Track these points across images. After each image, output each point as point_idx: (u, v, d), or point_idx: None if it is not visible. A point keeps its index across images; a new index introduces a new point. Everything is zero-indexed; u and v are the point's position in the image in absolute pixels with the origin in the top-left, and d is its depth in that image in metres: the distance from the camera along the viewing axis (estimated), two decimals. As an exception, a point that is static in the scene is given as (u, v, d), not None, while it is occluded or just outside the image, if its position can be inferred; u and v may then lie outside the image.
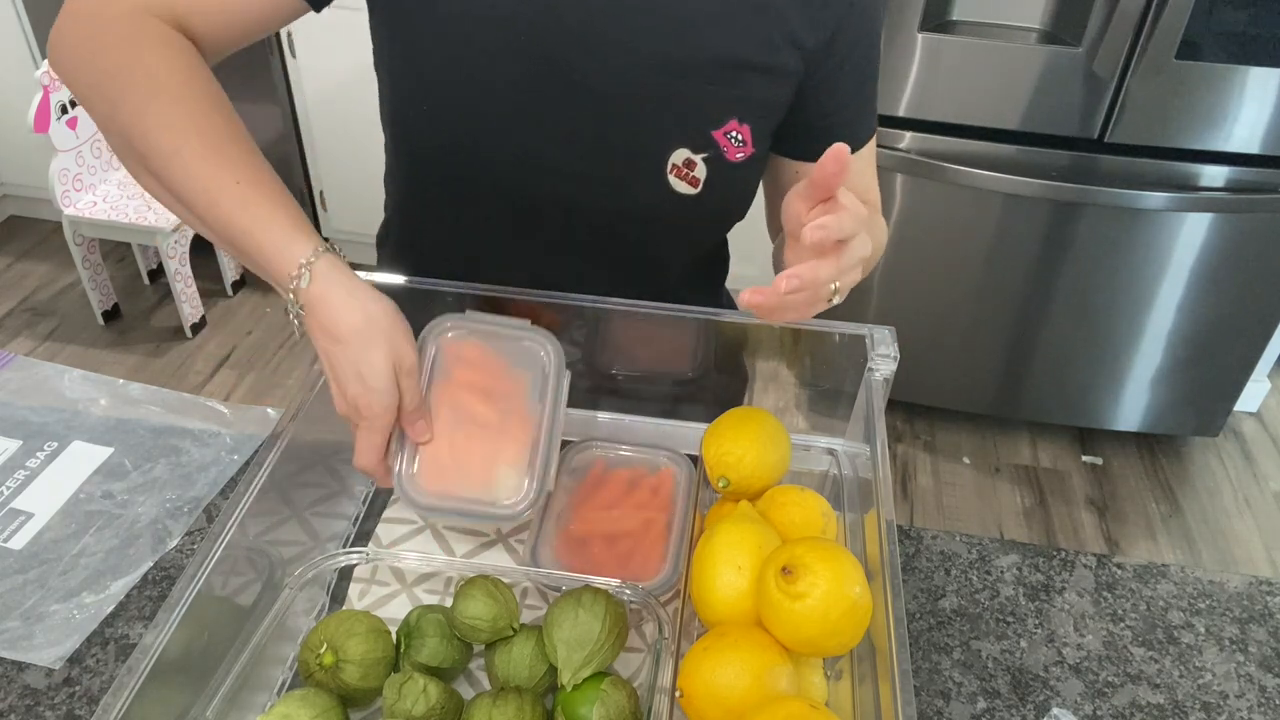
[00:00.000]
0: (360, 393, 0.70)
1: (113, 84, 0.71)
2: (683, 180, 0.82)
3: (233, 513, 0.67)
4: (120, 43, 0.72)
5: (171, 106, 0.70)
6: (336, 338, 0.69)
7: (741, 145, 0.82)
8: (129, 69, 0.71)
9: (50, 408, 1.01)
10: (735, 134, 0.81)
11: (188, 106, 0.70)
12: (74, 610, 0.81)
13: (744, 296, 0.65)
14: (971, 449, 2.35)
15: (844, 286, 0.67)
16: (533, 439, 0.78)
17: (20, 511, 0.90)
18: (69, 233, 2.40)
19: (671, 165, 0.81)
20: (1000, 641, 0.83)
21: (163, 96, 0.70)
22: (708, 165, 0.82)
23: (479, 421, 0.78)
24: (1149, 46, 1.76)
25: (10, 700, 0.74)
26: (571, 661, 0.68)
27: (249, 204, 0.69)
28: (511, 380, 0.80)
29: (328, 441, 0.84)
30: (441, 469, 0.75)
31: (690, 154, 0.81)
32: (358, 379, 0.69)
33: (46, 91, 2.18)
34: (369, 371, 0.69)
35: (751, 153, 0.83)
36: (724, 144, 0.81)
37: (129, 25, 0.72)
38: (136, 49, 0.71)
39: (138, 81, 0.70)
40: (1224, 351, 2.15)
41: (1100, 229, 2.00)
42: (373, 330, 0.69)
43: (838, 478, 0.85)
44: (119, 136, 0.72)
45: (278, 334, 2.62)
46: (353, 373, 0.69)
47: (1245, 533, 2.16)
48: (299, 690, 0.67)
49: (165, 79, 0.71)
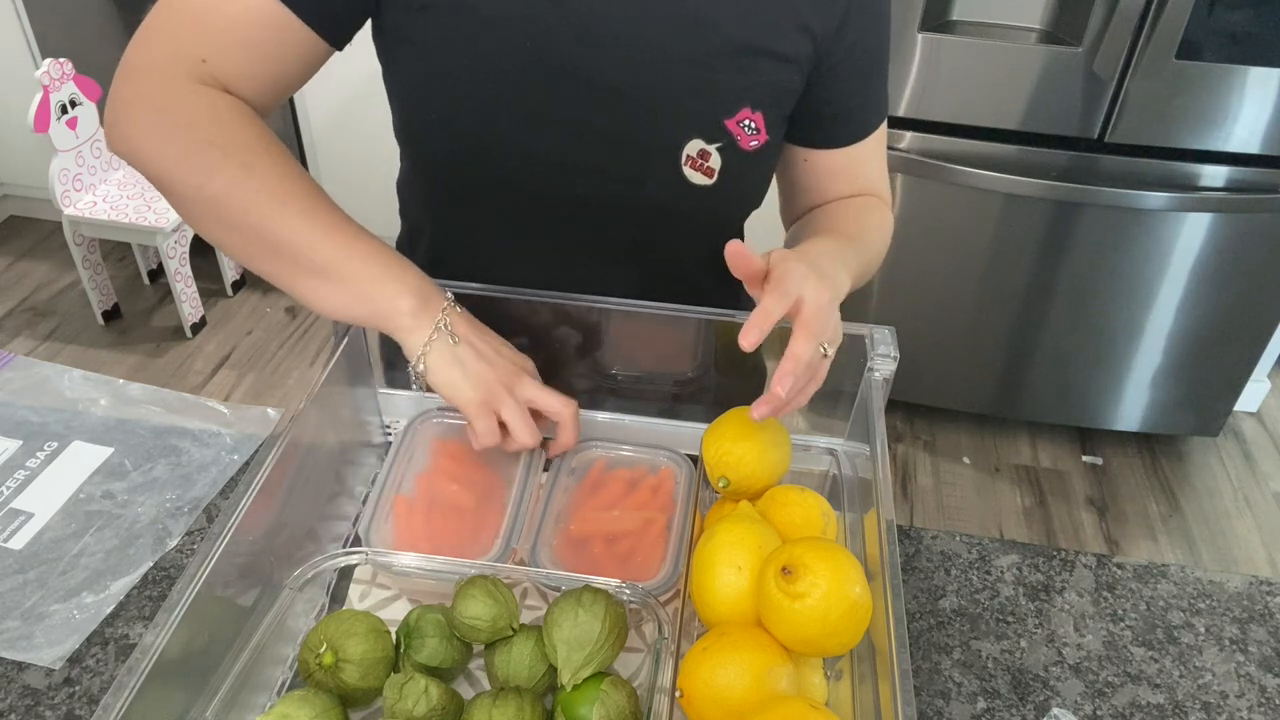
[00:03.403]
0: (513, 356, 0.79)
1: (205, 157, 0.73)
2: (698, 171, 0.82)
3: (233, 513, 0.67)
4: (200, 119, 0.74)
5: (265, 176, 0.74)
6: (479, 326, 0.78)
7: (755, 133, 0.82)
8: (221, 142, 0.73)
9: (50, 408, 1.01)
10: (749, 122, 0.81)
11: (281, 171, 0.75)
12: (74, 610, 0.81)
13: (754, 416, 0.69)
14: (971, 449, 2.35)
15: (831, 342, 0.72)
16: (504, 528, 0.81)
17: (20, 511, 0.90)
18: (69, 233, 2.40)
19: (686, 156, 0.82)
20: (1000, 641, 0.83)
21: (259, 165, 0.74)
22: (722, 155, 0.82)
23: (456, 507, 0.82)
24: (1149, 46, 1.76)
25: (10, 700, 0.74)
26: (571, 661, 0.68)
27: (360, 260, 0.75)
28: (490, 471, 0.85)
29: (328, 441, 0.84)
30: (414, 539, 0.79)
31: (704, 144, 0.81)
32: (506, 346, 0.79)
33: (46, 91, 2.18)
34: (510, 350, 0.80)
35: (765, 140, 0.83)
36: (737, 133, 0.82)
37: (200, 100, 0.74)
38: (219, 122, 0.74)
39: (232, 153, 0.73)
40: (1224, 351, 2.15)
41: (1100, 229, 2.00)
42: None
43: (838, 478, 0.85)
44: (208, 205, 0.74)
45: (278, 334, 2.62)
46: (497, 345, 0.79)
47: (1245, 533, 2.16)
48: (299, 690, 0.67)
49: (248, 145, 0.74)
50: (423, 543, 0.79)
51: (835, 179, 0.92)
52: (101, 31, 2.50)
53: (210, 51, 0.74)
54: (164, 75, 0.74)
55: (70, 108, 2.26)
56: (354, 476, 0.90)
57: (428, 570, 0.75)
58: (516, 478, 0.84)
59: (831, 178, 0.92)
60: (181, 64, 0.74)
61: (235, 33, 0.74)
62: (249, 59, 0.75)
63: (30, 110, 2.17)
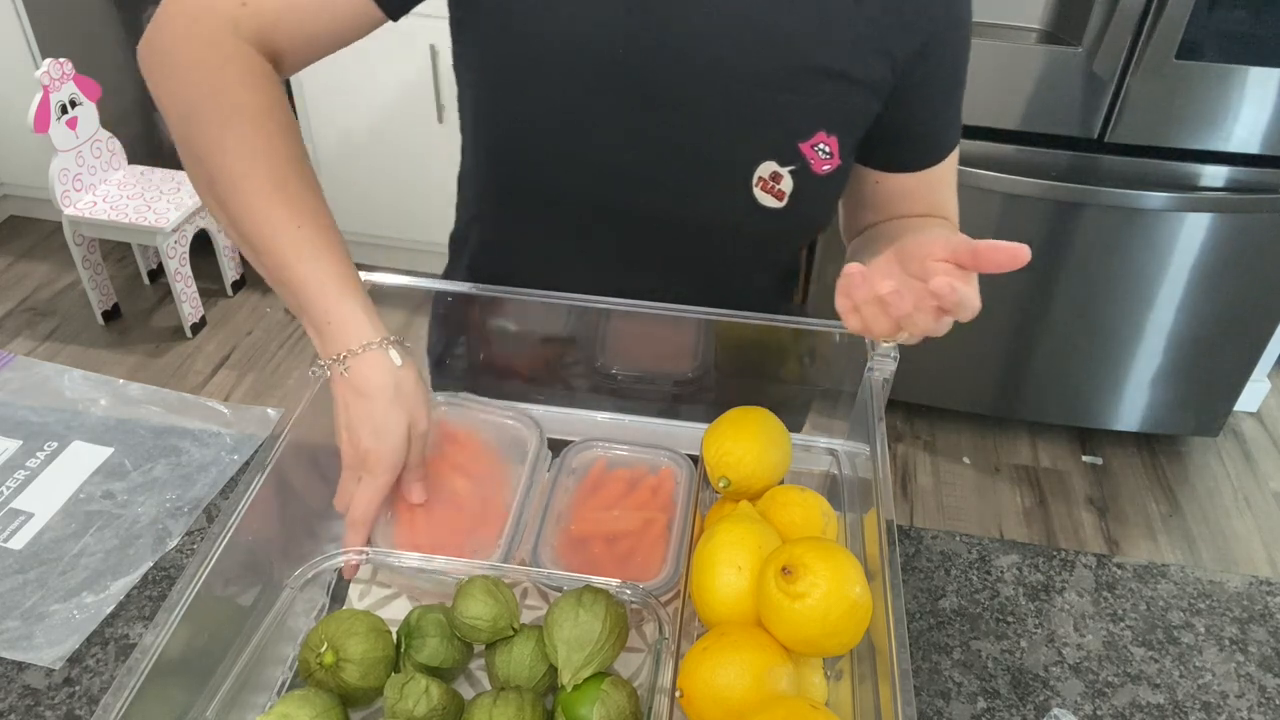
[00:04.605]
0: (373, 447, 0.72)
1: (194, 103, 0.73)
2: (768, 193, 0.81)
3: (233, 513, 0.67)
4: (206, 64, 0.73)
5: (247, 136, 0.72)
6: (362, 392, 0.72)
7: (828, 157, 0.80)
8: (213, 92, 0.72)
9: (50, 408, 1.01)
10: (823, 146, 0.80)
11: (262, 140, 0.72)
12: (74, 610, 0.81)
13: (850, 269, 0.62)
14: (971, 449, 2.35)
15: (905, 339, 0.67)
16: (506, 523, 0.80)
17: (20, 511, 0.90)
18: (69, 233, 2.40)
19: (758, 178, 0.80)
20: (1000, 641, 0.83)
21: (240, 124, 0.72)
22: (794, 178, 0.80)
23: (458, 500, 0.81)
24: (1149, 46, 1.76)
25: (10, 700, 0.74)
26: (572, 661, 0.68)
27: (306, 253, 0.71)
28: (496, 464, 0.84)
29: (328, 442, 0.84)
30: (415, 536, 0.78)
31: (777, 167, 0.80)
32: (374, 434, 0.72)
33: (46, 91, 2.18)
34: (386, 429, 0.72)
35: (838, 164, 0.81)
36: (811, 156, 0.80)
37: (217, 48, 0.73)
38: (222, 73, 0.73)
39: (219, 105, 0.72)
40: (1224, 351, 2.15)
41: (1100, 229, 2.00)
42: (397, 392, 0.73)
43: (838, 478, 0.85)
44: (192, 155, 0.74)
45: (278, 334, 2.62)
46: (370, 427, 0.72)
47: (1245, 533, 2.16)
48: (299, 690, 0.67)
49: (245, 106, 0.72)
50: (423, 540, 0.78)
51: (906, 201, 0.90)
52: (101, 31, 2.49)
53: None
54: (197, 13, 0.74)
55: (70, 108, 2.26)
56: (354, 476, 0.89)
57: (428, 570, 0.75)
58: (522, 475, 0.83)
59: (902, 200, 0.90)
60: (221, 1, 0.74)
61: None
62: (288, 6, 0.75)
63: (30, 110, 2.17)
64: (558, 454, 0.88)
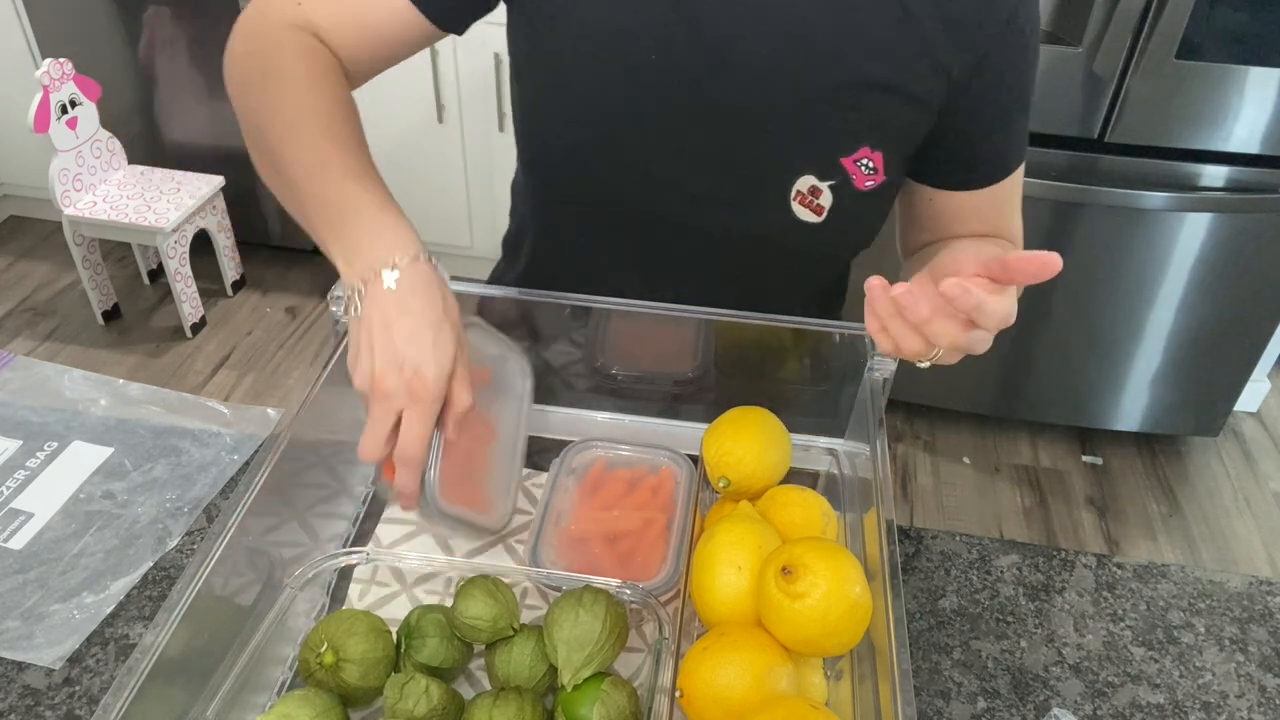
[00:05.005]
0: (420, 366, 0.63)
1: (256, 77, 0.76)
2: (806, 208, 0.79)
3: (233, 513, 0.67)
4: (267, 45, 0.77)
5: (296, 95, 0.73)
6: (409, 308, 0.64)
7: (872, 173, 0.78)
8: (271, 64, 0.75)
9: (50, 408, 1.01)
10: (866, 161, 0.78)
11: (312, 97, 0.73)
12: (74, 610, 0.81)
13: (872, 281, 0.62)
14: (971, 449, 2.35)
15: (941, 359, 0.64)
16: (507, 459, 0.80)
17: (20, 511, 0.90)
18: (69, 233, 2.40)
19: (796, 192, 0.79)
20: (1000, 641, 0.83)
21: (293, 86, 0.74)
22: (834, 193, 0.79)
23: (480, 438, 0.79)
24: (1149, 46, 1.76)
25: (10, 700, 0.74)
26: (572, 662, 0.68)
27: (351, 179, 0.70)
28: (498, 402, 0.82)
29: (328, 441, 0.84)
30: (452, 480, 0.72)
31: (816, 181, 0.78)
32: (421, 352, 0.63)
33: (46, 91, 2.18)
34: (438, 346, 0.64)
35: (882, 181, 0.79)
36: (853, 171, 0.78)
37: (277, 35, 0.77)
38: (280, 49, 0.76)
39: (277, 73, 0.75)
40: (1224, 351, 2.15)
41: (1100, 229, 2.00)
42: (446, 308, 0.66)
43: (838, 478, 0.85)
44: (257, 123, 0.75)
45: (278, 334, 2.62)
46: (417, 346, 0.63)
47: (1245, 533, 2.16)
48: (299, 690, 0.67)
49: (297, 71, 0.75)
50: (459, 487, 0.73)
51: (963, 220, 0.86)
52: (101, 31, 2.49)
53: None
54: (263, 10, 0.78)
55: (70, 108, 2.26)
56: (353, 476, 0.90)
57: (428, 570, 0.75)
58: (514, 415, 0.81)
59: (959, 219, 0.86)
60: (283, 3, 0.78)
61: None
62: (341, 11, 0.77)
63: (30, 110, 2.17)
64: (557, 454, 0.88)
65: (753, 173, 0.79)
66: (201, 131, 2.61)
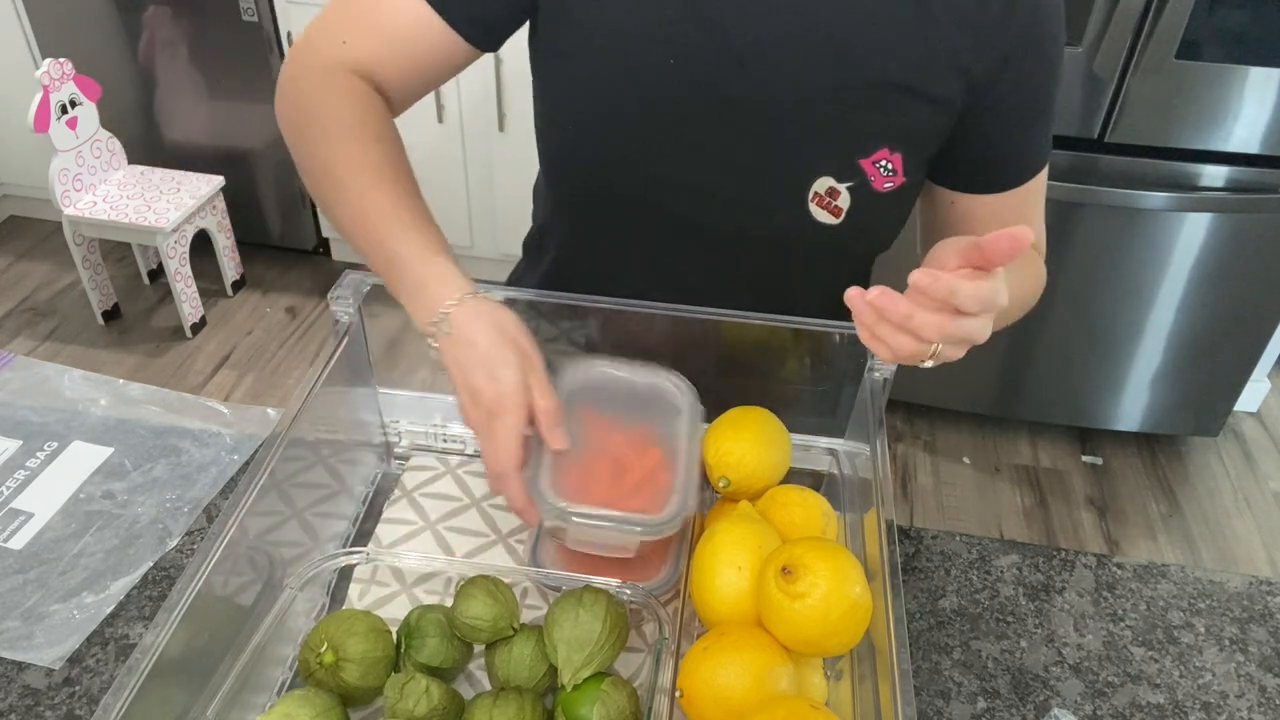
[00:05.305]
0: (487, 387, 0.69)
1: (306, 123, 0.79)
2: (824, 209, 0.79)
3: (233, 513, 0.67)
4: (314, 89, 0.80)
5: (345, 144, 0.77)
6: (469, 341, 0.70)
7: (891, 175, 0.78)
8: (319, 111, 0.78)
9: (50, 408, 1.01)
10: (885, 163, 0.78)
11: (359, 145, 0.77)
12: (74, 610, 0.81)
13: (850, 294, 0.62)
14: (971, 449, 2.35)
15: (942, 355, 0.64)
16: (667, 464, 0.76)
17: (20, 511, 0.90)
18: (69, 233, 2.40)
19: (814, 193, 0.79)
20: (1000, 641, 0.83)
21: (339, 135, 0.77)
22: (852, 195, 0.79)
23: (614, 453, 0.77)
24: (1149, 46, 1.76)
25: (10, 700, 0.74)
26: (572, 662, 0.68)
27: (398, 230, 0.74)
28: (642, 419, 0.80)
29: (328, 441, 0.84)
30: (571, 486, 0.73)
31: (834, 183, 0.78)
32: (488, 375, 0.69)
33: (46, 91, 2.18)
34: (500, 365, 0.70)
35: (902, 182, 0.79)
36: (871, 173, 0.78)
37: (324, 76, 0.79)
38: (326, 94, 0.79)
39: (324, 121, 0.78)
40: (1224, 351, 2.15)
41: (1100, 229, 2.00)
42: (501, 332, 0.71)
43: (838, 478, 0.85)
44: (310, 171, 0.79)
45: (278, 334, 2.62)
46: (483, 371, 0.70)
47: (1245, 533, 2.16)
48: (299, 690, 0.67)
49: (342, 119, 0.78)
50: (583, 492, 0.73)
51: (984, 224, 0.85)
52: (101, 31, 2.49)
53: (351, 34, 0.79)
54: (310, 50, 0.81)
55: (70, 108, 2.26)
56: (354, 476, 0.90)
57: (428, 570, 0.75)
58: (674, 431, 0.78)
59: (979, 222, 0.85)
60: (328, 44, 0.80)
61: (377, 19, 0.79)
62: (386, 46, 0.79)
63: (30, 110, 2.17)
64: None
65: (771, 174, 0.79)
66: (201, 131, 2.61)
